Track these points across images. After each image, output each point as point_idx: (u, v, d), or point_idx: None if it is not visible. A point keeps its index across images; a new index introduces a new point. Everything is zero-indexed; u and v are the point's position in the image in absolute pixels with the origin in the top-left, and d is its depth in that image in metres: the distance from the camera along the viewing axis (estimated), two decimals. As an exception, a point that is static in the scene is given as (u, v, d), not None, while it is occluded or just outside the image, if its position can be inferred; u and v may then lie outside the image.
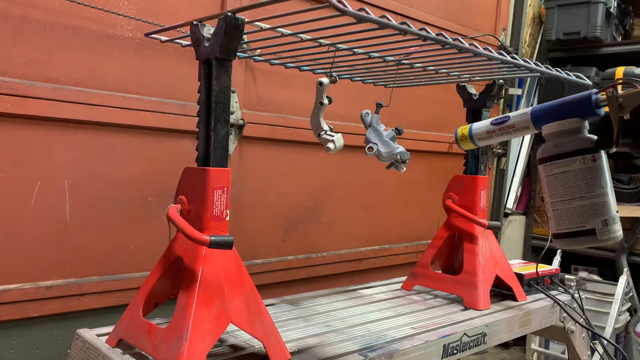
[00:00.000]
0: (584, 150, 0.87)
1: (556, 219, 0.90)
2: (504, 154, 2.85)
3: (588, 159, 0.86)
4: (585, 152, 0.86)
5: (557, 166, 0.89)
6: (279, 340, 0.98)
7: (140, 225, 1.51)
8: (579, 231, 0.87)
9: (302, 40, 1.08)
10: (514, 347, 2.88)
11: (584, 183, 0.86)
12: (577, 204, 0.87)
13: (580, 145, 0.87)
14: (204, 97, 0.93)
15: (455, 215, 1.47)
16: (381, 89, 1.63)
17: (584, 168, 0.86)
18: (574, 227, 0.88)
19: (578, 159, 0.87)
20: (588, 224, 0.87)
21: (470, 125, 1.15)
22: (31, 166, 1.32)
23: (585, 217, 0.87)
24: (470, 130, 1.14)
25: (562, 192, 0.88)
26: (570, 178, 0.87)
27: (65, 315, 1.39)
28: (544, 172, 0.91)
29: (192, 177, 0.94)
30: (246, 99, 1.72)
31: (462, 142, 1.16)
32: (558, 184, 0.89)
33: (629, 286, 2.50)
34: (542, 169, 0.91)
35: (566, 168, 0.88)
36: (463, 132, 1.16)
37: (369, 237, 2.19)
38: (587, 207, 0.87)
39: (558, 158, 0.89)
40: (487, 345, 1.27)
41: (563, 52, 2.93)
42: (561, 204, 0.89)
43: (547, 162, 0.90)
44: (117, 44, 1.43)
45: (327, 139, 1.11)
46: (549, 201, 0.91)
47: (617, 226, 0.87)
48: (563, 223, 0.89)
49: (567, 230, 0.89)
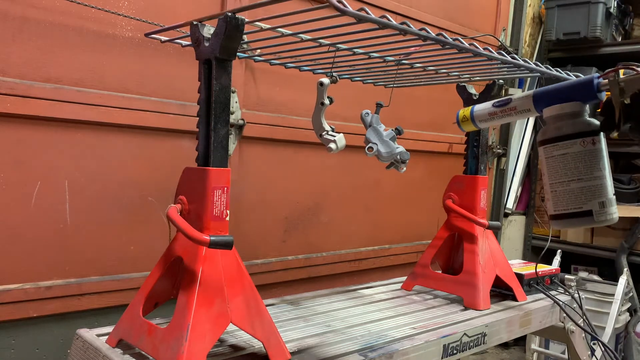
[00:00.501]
0: (584, 133, 0.88)
1: (554, 200, 0.91)
2: (504, 154, 2.85)
3: (588, 142, 0.87)
4: (586, 135, 0.88)
5: (557, 148, 0.90)
6: (279, 340, 0.98)
7: (140, 225, 1.51)
8: (577, 212, 0.89)
9: (302, 40, 1.08)
10: (514, 347, 2.88)
11: (583, 165, 0.88)
12: (576, 186, 0.88)
13: (581, 128, 0.88)
14: (204, 97, 0.93)
15: (455, 215, 1.47)
16: (381, 89, 1.63)
17: (583, 151, 0.87)
18: (572, 208, 0.89)
19: (578, 141, 0.88)
20: (586, 206, 0.88)
21: (472, 106, 1.15)
22: (31, 166, 1.32)
23: (583, 199, 0.88)
24: (472, 112, 1.14)
25: (561, 174, 0.90)
26: (569, 160, 0.89)
27: (65, 315, 1.39)
28: (544, 154, 0.92)
29: (192, 177, 0.94)
30: (246, 99, 1.72)
31: (463, 123, 1.16)
32: (557, 166, 0.90)
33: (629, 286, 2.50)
34: (543, 151, 0.92)
35: (566, 150, 0.89)
36: (465, 114, 1.16)
37: (369, 237, 2.19)
38: (586, 189, 0.88)
39: (559, 140, 0.90)
40: (487, 345, 1.27)
41: (563, 52, 2.93)
42: (560, 186, 0.90)
43: (547, 144, 0.91)
44: (117, 44, 1.43)
45: (328, 139, 1.11)
46: (548, 182, 0.92)
47: (613, 208, 0.88)
48: (561, 204, 0.90)
49: (565, 211, 0.90)
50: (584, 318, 1.53)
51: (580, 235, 2.86)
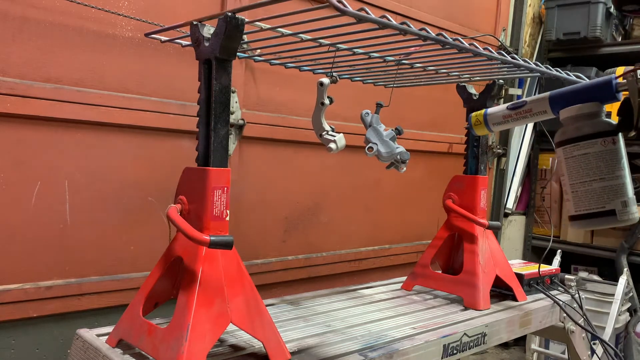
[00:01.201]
0: (605, 132, 0.89)
1: (575, 200, 0.91)
2: (504, 154, 2.85)
3: (608, 141, 0.88)
4: (606, 135, 0.88)
5: (578, 148, 0.90)
6: (279, 340, 0.98)
7: (140, 225, 1.51)
8: (599, 212, 0.89)
9: (302, 40, 1.08)
10: (514, 347, 2.88)
11: (604, 165, 0.88)
12: (597, 185, 0.89)
13: (601, 128, 0.89)
14: (204, 97, 0.93)
15: (455, 215, 1.47)
16: (381, 89, 1.63)
17: (604, 150, 0.88)
18: (594, 208, 0.89)
19: (599, 141, 0.89)
20: (608, 205, 0.88)
21: (485, 110, 1.15)
22: (31, 166, 1.32)
23: (605, 198, 0.88)
24: (485, 115, 1.14)
25: (583, 174, 0.90)
26: (590, 160, 0.89)
27: (65, 315, 1.39)
28: (564, 154, 0.93)
29: (192, 177, 0.94)
30: (246, 99, 1.72)
31: (476, 127, 1.16)
32: (578, 166, 0.91)
33: (629, 286, 2.50)
34: (562, 152, 0.93)
35: (587, 150, 0.90)
36: (478, 118, 1.15)
37: (369, 237, 2.19)
38: (608, 188, 0.88)
39: (579, 140, 0.90)
40: (487, 345, 1.27)
41: (563, 52, 2.93)
42: (581, 186, 0.90)
43: (567, 145, 0.92)
44: (117, 44, 1.43)
45: (329, 139, 1.11)
46: (569, 183, 0.92)
47: (634, 207, 0.89)
48: (582, 204, 0.90)
49: (587, 212, 0.90)
50: (584, 318, 1.53)
51: (580, 235, 2.86)
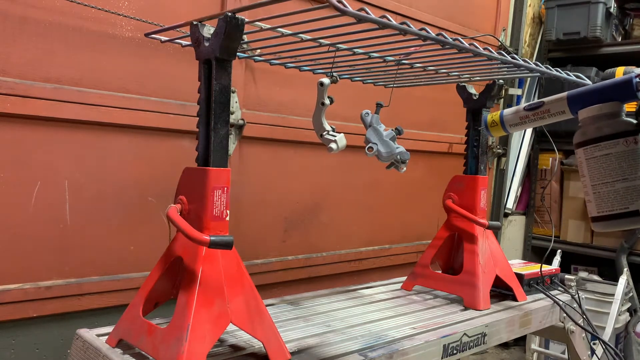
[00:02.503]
0: (627, 132, 0.88)
1: (597, 202, 0.90)
2: (504, 154, 2.85)
3: (630, 141, 0.87)
4: (628, 135, 0.87)
5: (600, 149, 0.89)
6: (279, 340, 0.98)
7: (140, 225, 1.51)
8: (623, 213, 0.88)
9: (302, 40, 1.08)
10: (514, 347, 2.88)
11: (627, 165, 0.87)
12: (621, 186, 0.88)
13: (623, 127, 0.88)
14: (204, 97, 0.93)
15: (455, 215, 1.47)
16: (381, 89, 1.63)
17: (626, 150, 0.87)
18: (618, 209, 0.88)
19: (621, 141, 0.87)
20: (632, 206, 0.87)
21: (501, 111, 1.14)
22: (31, 166, 1.32)
23: (629, 199, 0.87)
24: (502, 117, 1.13)
25: (605, 175, 0.89)
26: (613, 160, 0.88)
27: (65, 315, 1.39)
28: (585, 155, 0.91)
29: (192, 177, 0.94)
30: (246, 99, 1.72)
31: (492, 128, 1.15)
32: (600, 167, 0.89)
33: (629, 286, 2.50)
34: (582, 153, 0.92)
35: (609, 150, 0.88)
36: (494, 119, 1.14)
37: (369, 237, 2.19)
38: (631, 188, 0.87)
39: (601, 140, 0.89)
40: (487, 345, 1.27)
41: (563, 52, 2.93)
42: (603, 187, 0.89)
43: (588, 145, 0.91)
44: (117, 44, 1.43)
45: (329, 139, 1.11)
46: (590, 184, 0.91)
47: None
48: (605, 205, 0.89)
49: (610, 213, 0.89)
50: (584, 318, 1.53)
51: (580, 235, 2.86)
